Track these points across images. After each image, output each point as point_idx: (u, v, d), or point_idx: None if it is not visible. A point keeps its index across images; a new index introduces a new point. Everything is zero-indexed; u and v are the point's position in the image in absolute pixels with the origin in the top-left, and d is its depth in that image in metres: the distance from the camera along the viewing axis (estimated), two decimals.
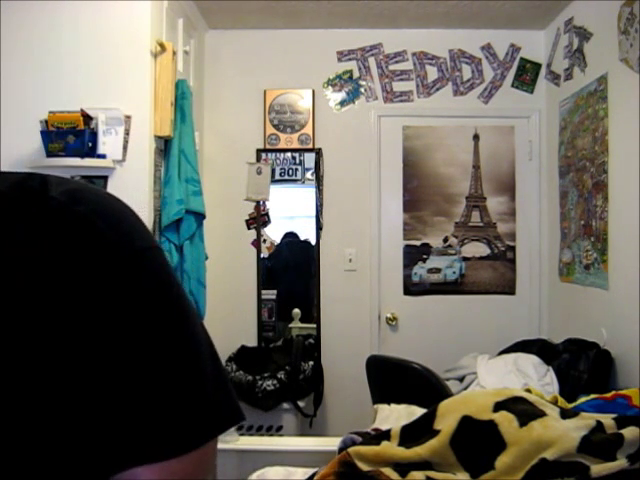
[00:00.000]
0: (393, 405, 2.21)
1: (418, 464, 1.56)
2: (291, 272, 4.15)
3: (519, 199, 3.89)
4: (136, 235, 0.64)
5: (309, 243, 4.01)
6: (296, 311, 4.05)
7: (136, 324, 0.61)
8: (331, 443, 2.05)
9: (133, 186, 2.74)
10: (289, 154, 3.92)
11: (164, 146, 2.97)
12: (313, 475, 1.68)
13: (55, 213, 0.59)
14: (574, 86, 3.36)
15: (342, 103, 3.89)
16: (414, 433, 1.66)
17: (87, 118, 2.67)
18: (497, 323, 3.82)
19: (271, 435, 3.45)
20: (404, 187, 3.90)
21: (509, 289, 3.90)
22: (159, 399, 0.62)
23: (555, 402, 1.99)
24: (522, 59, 3.85)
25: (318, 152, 3.86)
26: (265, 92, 3.86)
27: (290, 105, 3.86)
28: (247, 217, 3.88)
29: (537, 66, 3.84)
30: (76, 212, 0.60)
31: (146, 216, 2.76)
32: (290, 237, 4.08)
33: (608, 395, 2.20)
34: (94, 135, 2.69)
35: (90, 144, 2.67)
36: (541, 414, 1.60)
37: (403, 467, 1.56)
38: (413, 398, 2.21)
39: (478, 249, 3.90)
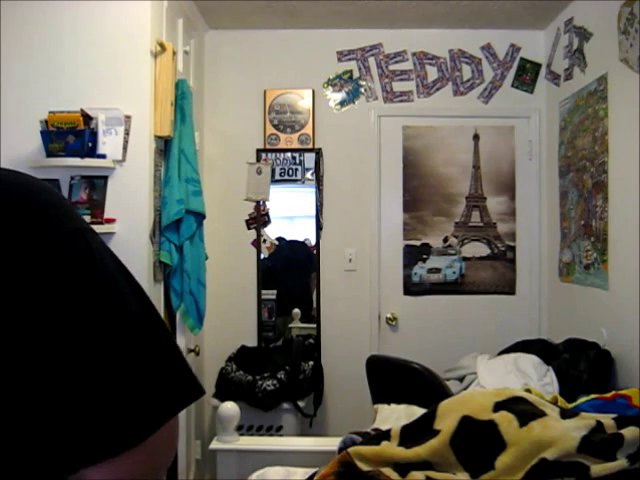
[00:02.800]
0: (393, 405, 2.21)
1: (418, 464, 1.56)
2: (291, 272, 4.15)
3: (519, 199, 3.89)
4: (62, 218, 0.63)
5: (304, 243, 4.01)
6: (296, 311, 4.05)
7: (63, 314, 0.59)
8: (331, 443, 2.05)
9: (133, 186, 2.74)
10: (289, 154, 3.92)
11: (164, 146, 2.96)
12: (313, 475, 1.68)
13: None
14: (574, 86, 3.36)
15: (342, 103, 3.89)
16: (414, 433, 1.66)
17: (87, 118, 2.67)
18: (497, 323, 3.82)
19: (271, 435, 3.45)
20: (404, 187, 3.90)
21: (509, 289, 3.90)
22: (93, 392, 0.58)
23: (555, 402, 1.99)
24: (522, 59, 3.85)
25: (318, 152, 3.86)
26: (265, 92, 3.86)
27: (290, 105, 3.86)
28: (247, 217, 3.88)
29: (537, 66, 3.85)
30: None
31: (146, 216, 2.76)
32: (281, 241, 4.04)
33: (608, 395, 2.20)
34: (94, 135, 2.69)
35: (90, 144, 2.67)
36: (541, 414, 1.60)
37: (403, 467, 1.56)
38: (413, 398, 2.21)
39: (478, 249, 3.90)
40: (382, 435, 1.73)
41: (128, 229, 2.70)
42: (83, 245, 0.64)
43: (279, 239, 4.02)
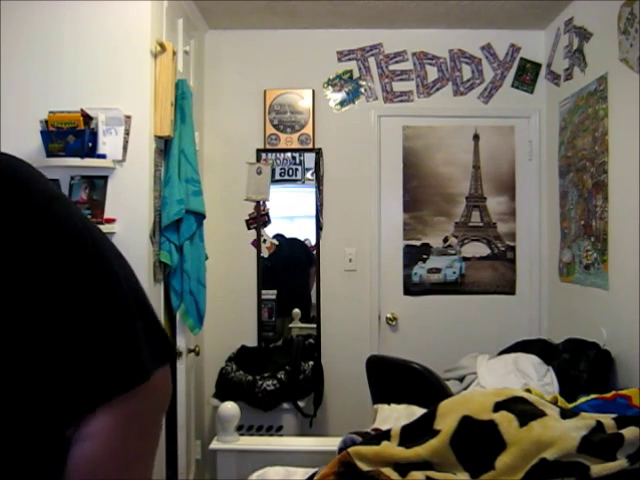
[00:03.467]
0: (393, 405, 2.21)
1: (418, 464, 1.56)
2: (291, 272, 4.15)
3: (519, 199, 3.89)
4: (42, 187, 0.71)
5: (303, 242, 4.00)
6: (296, 311, 4.05)
7: (56, 272, 0.64)
8: (331, 443, 2.05)
9: (133, 186, 2.74)
10: (289, 154, 3.91)
11: (164, 146, 2.96)
12: (313, 475, 1.68)
13: None
14: (574, 86, 3.36)
15: (342, 103, 3.89)
16: (414, 433, 1.66)
17: (87, 118, 2.67)
18: (497, 323, 3.82)
19: (271, 435, 3.45)
20: (404, 187, 3.90)
21: (509, 289, 3.90)
22: (87, 344, 0.64)
23: (555, 402, 1.99)
24: (522, 59, 3.85)
25: (318, 152, 3.86)
26: (265, 92, 3.86)
27: (290, 105, 3.86)
28: (247, 217, 3.88)
29: (537, 66, 3.84)
30: None
31: (146, 216, 2.76)
32: (280, 239, 4.04)
33: (608, 395, 2.20)
34: (94, 135, 2.69)
35: (90, 144, 2.67)
36: (541, 414, 1.60)
37: (403, 467, 1.56)
38: (413, 398, 2.21)
39: (478, 249, 3.90)
40: (382, 435, 1.73)
41: (128, 229, 2.70)
42: (64, 209, 0.70)
43: (278, 237, 4.01)
